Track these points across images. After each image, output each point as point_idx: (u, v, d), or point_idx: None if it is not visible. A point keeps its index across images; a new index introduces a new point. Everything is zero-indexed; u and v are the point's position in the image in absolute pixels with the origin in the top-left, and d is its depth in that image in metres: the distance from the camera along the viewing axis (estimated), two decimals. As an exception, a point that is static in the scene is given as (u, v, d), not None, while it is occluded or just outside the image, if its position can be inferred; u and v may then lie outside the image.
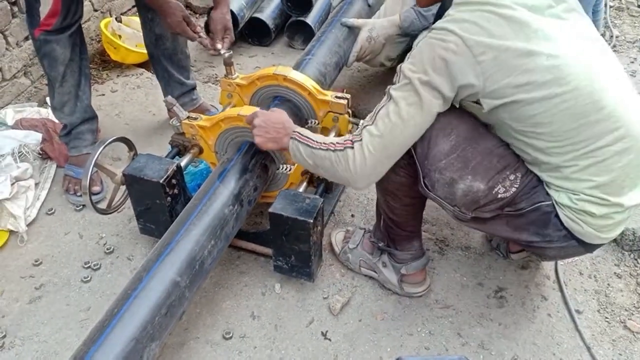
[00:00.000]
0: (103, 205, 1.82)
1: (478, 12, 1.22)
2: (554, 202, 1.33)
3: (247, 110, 1.67)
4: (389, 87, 1.34)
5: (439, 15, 1.40)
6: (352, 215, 2.02)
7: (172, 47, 2.23)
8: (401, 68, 1.31)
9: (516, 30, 1.21)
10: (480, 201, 1.35)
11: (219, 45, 1.93)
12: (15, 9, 2.33)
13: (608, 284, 1.75)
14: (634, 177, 1.29)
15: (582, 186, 1.28)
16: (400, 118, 1.29)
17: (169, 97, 1.78)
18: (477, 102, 1.29)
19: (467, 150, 1.34)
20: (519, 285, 1.75)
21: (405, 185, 1.49)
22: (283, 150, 1.53)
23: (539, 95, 1.21)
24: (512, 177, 1.34)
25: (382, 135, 1.32)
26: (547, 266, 1.81)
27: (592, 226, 1.31)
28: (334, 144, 1.40)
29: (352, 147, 1.35)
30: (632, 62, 2.77)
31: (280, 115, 1.56)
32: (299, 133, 1.48)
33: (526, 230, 1.39)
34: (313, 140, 1.45)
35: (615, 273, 1.79)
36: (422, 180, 1.41)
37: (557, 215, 1.34)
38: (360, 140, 1.35)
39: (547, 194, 1.34)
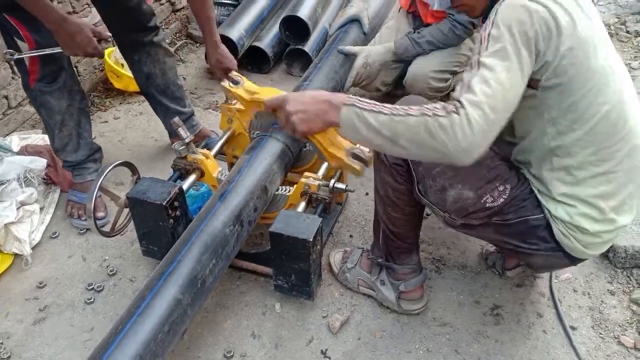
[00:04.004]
0: (107, 229, 1.86)
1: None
2: (549, 215, 1.39)
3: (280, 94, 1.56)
4: (475, 56, 1.22)
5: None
6: (351, 236, 2.06)
7: (163, 82, 2.27)
8: (489, 33, 1.22)
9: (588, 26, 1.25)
10: (469, 208, 1.42)
11: (223, 83, 1.95)
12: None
13: (602, 301, 1.78)
14: (627, 194, 1.36)
15: (587, 193, 1.34)
16: (499, 83, 1.17)
17: (176, 119, 1.83)
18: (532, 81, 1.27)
19: None
20: (515, 303, 1.78)
21: (405, 193, 1.56)
22: (331, 128, 1.34)
23: (590, 88, 1.25)
24: (501, 188, 1.40)
25: (485, 99, 1.16)
26: (542, 284, 1.85)
27: (581, 242, 1.38)
28: (427, 108, 1.19)
29: (457, 111, 1.15)
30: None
31: (316, 91, 1.40)
32: (358, 99, 1.27)
33: (514, 237, 1.45)
34: (385, 107, 1.23)
35: (608, 290, 1.82)
36: (416, 185, 1.49)
37: (545, 229, 1.40)
38: (462, 106, 1.16)
39: (539, 206, 1.40)
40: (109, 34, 1.88)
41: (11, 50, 1.84)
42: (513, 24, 1.20)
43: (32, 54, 1.83)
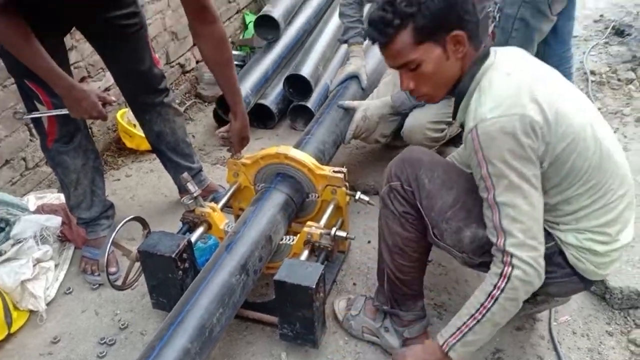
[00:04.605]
0: (118, 283, 1.93)
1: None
2: (560, 242, 1.47)
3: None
4: (487, 195, 1.38)
5: (459, 94, 1.49)
6: (354, 284, 2.12)
7: (173, 140, 2.38)
8: (488, 172, 1.35)
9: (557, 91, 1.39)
10: (486, 246, 1.47)
11: (238, 154, 2.09)
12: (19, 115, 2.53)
13: (600, 342, 1.81)
14: (627, 218, 1.47)
15: (590, 225, 1.43)
16: (526, 214, 1.35)
17: (185, 174, 1.94)
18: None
19: (468, 201, 1.51)
20: (515, 346, 1.81)
21: (414, 240, 1.63)
22: None
23: (580, 148, 1.36)
24: None
25: (525, 237, 1.35)
26: (541, 326, 1.88)
27: (593, 263, 1.46)
28: (491, 289, 1.40)
29: (513, 266, 1.36)
30: (615, 132, 2.92)
31: (421, 346, 1.62)
32: (450, 335, 1.48)
33: None
34: (469, 317, 1.44)
35: (606, 331, 1.85)
36: (431, 231, 1.56)
37: (560, 255, 1.48)
38: (512, 256, 1.36)
39: (549, 234, 1.47)
40: (114, 98, 2.02)
41: (22, 111, 1.98)
42: (505, 156, 1.32)
43: (43, 114, 1.96)
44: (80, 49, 2.78)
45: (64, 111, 1.90)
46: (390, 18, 1.39)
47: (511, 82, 1.37)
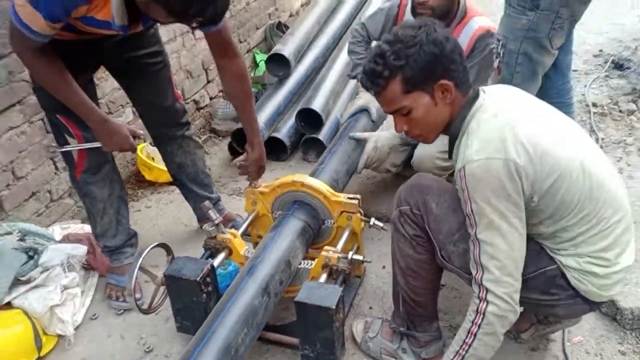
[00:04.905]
0: (144, 307, 2.01)
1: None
2: (561, 265, 1.54)
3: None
4: (470, 230, 1.48)
5: (452, 136, 1.59)
6: (370, 307, 2.18)
7: (193, 171, 2.49)
8: (472, 210, 1.45)
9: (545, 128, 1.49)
10: None
11: (255, 183, 2.20)
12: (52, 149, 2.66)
13: (613, 361, 1.86)
14: (626, 242, 1.54)
15: (588, 250, 1.50)
16: (503, 252, 1.44)
17: (207, 202, 2.05)
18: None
19: None
20: (530, 365, 1.87)
21: (425, 262, 1.71)
22: None
23: (568, 182, 1.45)
24: None
25: (501, 273, 1.44)
26: (555, 347, 1.93)
27: (595, 285, 1.52)
28: (470, 325, 1.49)
29: (487, 302, 1.46)
30: (619, 161, 3.00)
31: None
32: None
33: (535, 290, 1.57)
34: (455, 353, 1.52)
35: (619, 351, 1.90)
36: (439, 253, 1.64)
37: (562, 277, 1.54)
38: (487, 291, 1.46)
39: (551, 258, 1.55)
40: (141, 131, 2.14)
41: (54, 144, 2.09)
42: (488, 196, 1.42)
43: (75, 147, 2.07)
44: (102, 87, 2.92)
45: (96, 144, 2.01)
46: (380, 70, 1.50)
47: (497, 124, 1.46)
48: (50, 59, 1.77)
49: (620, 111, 3.56)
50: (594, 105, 3.64)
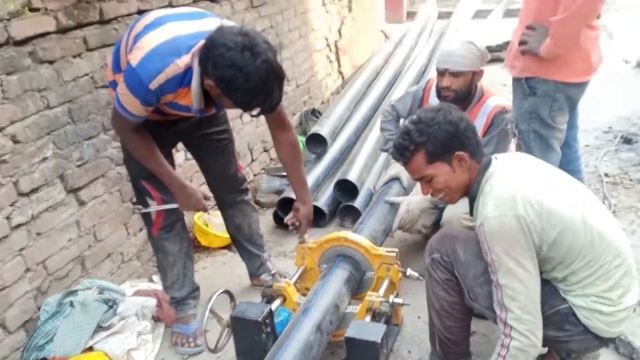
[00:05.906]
0: (211, 347, 2.29)
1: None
2: (572, 305, 1.80)
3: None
4: (492, 276, 1.76)
5: (472, 197, 1.91)
6: (409, 351, 2.43)
7: (249, 232, 2.86)
8: (492, 260, 1.73)
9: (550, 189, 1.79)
10: None
11: (305, 236, 2.53)
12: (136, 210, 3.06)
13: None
14: (627, 284, 1.80)
15: (594, 291, 1.77)
16: (522, 294, 1.71)
17: (266, 254, 2.41)
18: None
19: None
20: (555, 396, 2.08)
21: (458, 303, 1.98)
22: None
23: (571, 234, 1.73)
24: None
25: (522, 312, 1.71)
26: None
27: (602, 322, 1.77)
28: (496, 358, 1.75)
29: (511, 338, 1.72)
30: (631, 224, 3.28)
31: None
32: None
33: (552, 327, 1.82)
34: None
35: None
36: (467, 294, 1.92)
37: (573, 315, 1.80)
38: (511, 328, 1.72)
39: (563, 299, 1.81)
40: (211, 194, 2.52)
41: (139, 206, 2.48)
42: (505, 247, 1.70)
43: (157, 208, 2.45)
44: (174, 157, 3.34)
45: (174, 205, 2.40)
46: (407, 144, 1.89)
47: (509, 187, 1.78)
48: (143, 136, 2.20)
49: (631, 180, 3.87)
50: (606, 175, 3.95)
